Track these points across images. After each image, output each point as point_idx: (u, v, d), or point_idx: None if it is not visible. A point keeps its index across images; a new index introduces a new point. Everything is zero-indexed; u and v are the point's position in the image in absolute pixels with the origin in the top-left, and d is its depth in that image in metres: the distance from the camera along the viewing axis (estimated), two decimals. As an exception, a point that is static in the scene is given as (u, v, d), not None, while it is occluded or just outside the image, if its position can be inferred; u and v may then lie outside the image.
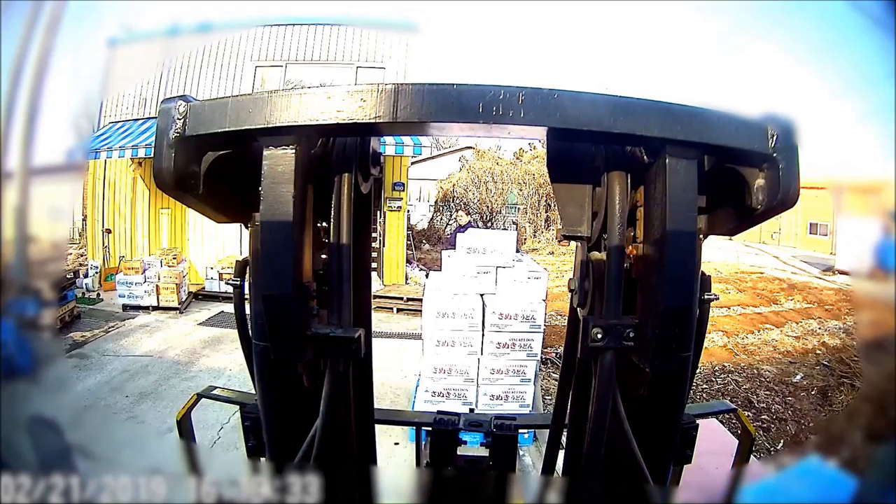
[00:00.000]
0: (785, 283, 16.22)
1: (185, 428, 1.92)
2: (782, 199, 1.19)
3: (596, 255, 1.45)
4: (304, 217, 1.29)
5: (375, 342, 1.61)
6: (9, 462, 1.22)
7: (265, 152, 1.20)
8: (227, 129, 1.16)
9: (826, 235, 21.75)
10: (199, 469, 1.68)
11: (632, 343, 1.28)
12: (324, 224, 1.41)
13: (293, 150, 1.19)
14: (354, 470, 1.63)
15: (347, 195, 1.40)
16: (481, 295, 6.15)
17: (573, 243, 1.54)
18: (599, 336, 1.28)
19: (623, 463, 1.39)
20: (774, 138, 1.17)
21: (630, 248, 1.35)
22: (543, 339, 6.56)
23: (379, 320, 11.94)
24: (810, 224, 23.12)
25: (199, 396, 2.01)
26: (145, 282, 12.40)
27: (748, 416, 7.29)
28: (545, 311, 6.21)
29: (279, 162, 1.19)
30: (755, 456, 5.90)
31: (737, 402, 7.88)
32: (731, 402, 2.24)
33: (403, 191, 15.43)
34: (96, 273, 14.07)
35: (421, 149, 14.40)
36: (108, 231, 14.57)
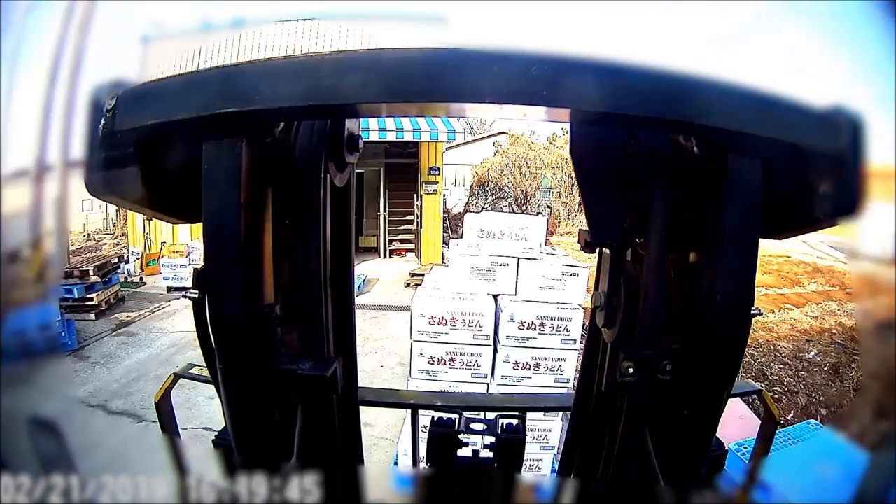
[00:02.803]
0: (810, 266, 15.92)
1: (164, 410, 1.68)
2: (849, 207, 0.93)
3: (628, 264, 1.19)
4: (260, 223, 1.04)
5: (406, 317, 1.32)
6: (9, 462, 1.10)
7: (204, 147, 0.93)
8: (157, 122, 0.90)
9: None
10: (179, 454, 1.49)
11: (668, 378, 1.03)
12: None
13: (239, 143, 0.93)
14: None
15: (316, 192, 1.12)
16: (495, 297, 4.44)
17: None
18: (631, 370, 1.03)
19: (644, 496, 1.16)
20: (844, 136, 0.90)
21: (671, 257, 1.08)
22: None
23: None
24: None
25: (178, 377, 1.75)
26: (190, 264, 12.57)
27: (760, 387, 7.44)
28: (583, 321, 4.33)
29: (221, 158, 0.93)
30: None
31: (750, 374, 7.92)
32: (755, 383, 1.99)
33: (439, 174, 15.67)
34: (137, 259, 14.47)
35: (455, 134, 14.56)
36: (149, 218, 14.86)
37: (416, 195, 15.99)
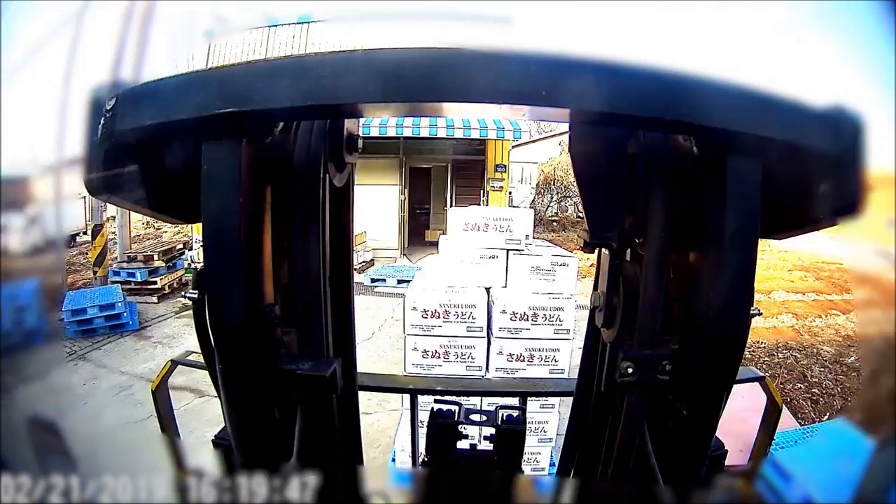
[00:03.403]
0: (861, 274, 15.46)
1: (161, 398, 1.67)
2: (849, 207, 0.91)
3: (627, 264, 1.16)
4: (259, 224, 1.02)
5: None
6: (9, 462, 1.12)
7: (203, 147, 0.91)
8: (157, 122, 0.88)
9: (906, 228, 20.49)
10: (175, 442, 1.46)
11: (667, 377, 1.01)
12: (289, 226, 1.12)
13: (239, 143, 0.90)
14: None
15: (315, 192, 1.10)
16: (487, 289, 4.37)
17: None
18: (630, 370, 1.01)
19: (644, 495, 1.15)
20: (844, 136, 0.88)
21: (671, 257, 1.06)
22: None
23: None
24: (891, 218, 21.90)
25: (175, 363, 1.74)
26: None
27: (800, 388, 7.70)
28: (575, 310, 4.27)
29: (220, 160, 0.90)
30: (799, 422, 6.03)
31: (792, 374, 8.10)
32: (758, 371, 1.93)
33: (505, 172, 15.91)
34: (201, 246, 14.70)
35: (521, 133, 14.75)
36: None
37: (482, 191, 16.11)
